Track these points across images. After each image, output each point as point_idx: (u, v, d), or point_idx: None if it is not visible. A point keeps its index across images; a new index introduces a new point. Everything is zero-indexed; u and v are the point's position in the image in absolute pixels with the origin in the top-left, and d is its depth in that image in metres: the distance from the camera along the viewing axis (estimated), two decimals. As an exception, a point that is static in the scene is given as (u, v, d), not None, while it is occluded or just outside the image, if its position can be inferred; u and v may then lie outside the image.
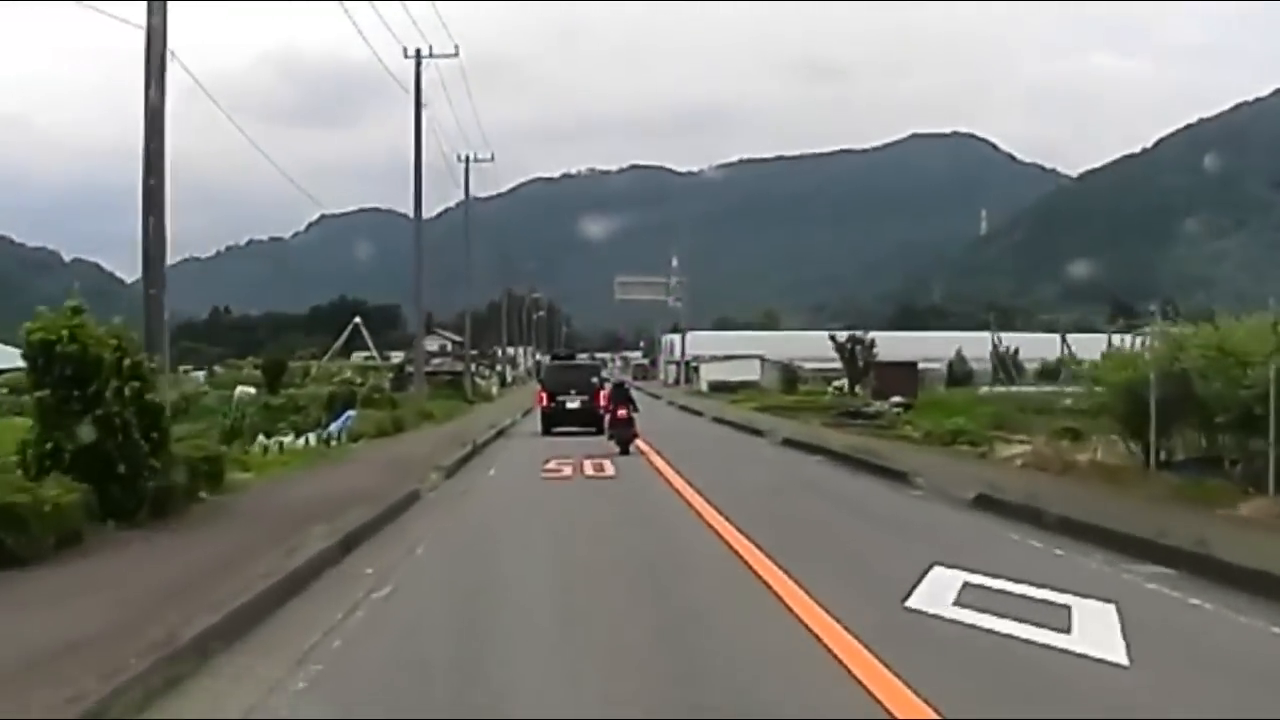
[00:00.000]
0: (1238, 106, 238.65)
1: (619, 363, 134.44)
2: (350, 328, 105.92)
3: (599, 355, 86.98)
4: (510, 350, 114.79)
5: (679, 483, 19.62)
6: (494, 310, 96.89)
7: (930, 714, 6.15)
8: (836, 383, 64.08)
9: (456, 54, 49.07)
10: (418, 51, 47.24)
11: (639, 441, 28.28)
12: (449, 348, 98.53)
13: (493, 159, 72.17)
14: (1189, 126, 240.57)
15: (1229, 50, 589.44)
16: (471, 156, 68.30)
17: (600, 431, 31.28)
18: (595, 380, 37.38)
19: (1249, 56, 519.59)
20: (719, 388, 76.56)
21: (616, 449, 27.30)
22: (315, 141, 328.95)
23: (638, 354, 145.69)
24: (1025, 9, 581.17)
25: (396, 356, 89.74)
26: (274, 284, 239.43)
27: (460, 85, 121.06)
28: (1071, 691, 6.81)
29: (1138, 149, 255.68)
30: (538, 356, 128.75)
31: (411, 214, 48.14)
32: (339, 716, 6.53)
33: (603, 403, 32.04)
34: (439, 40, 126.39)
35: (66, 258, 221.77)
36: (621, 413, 28.38)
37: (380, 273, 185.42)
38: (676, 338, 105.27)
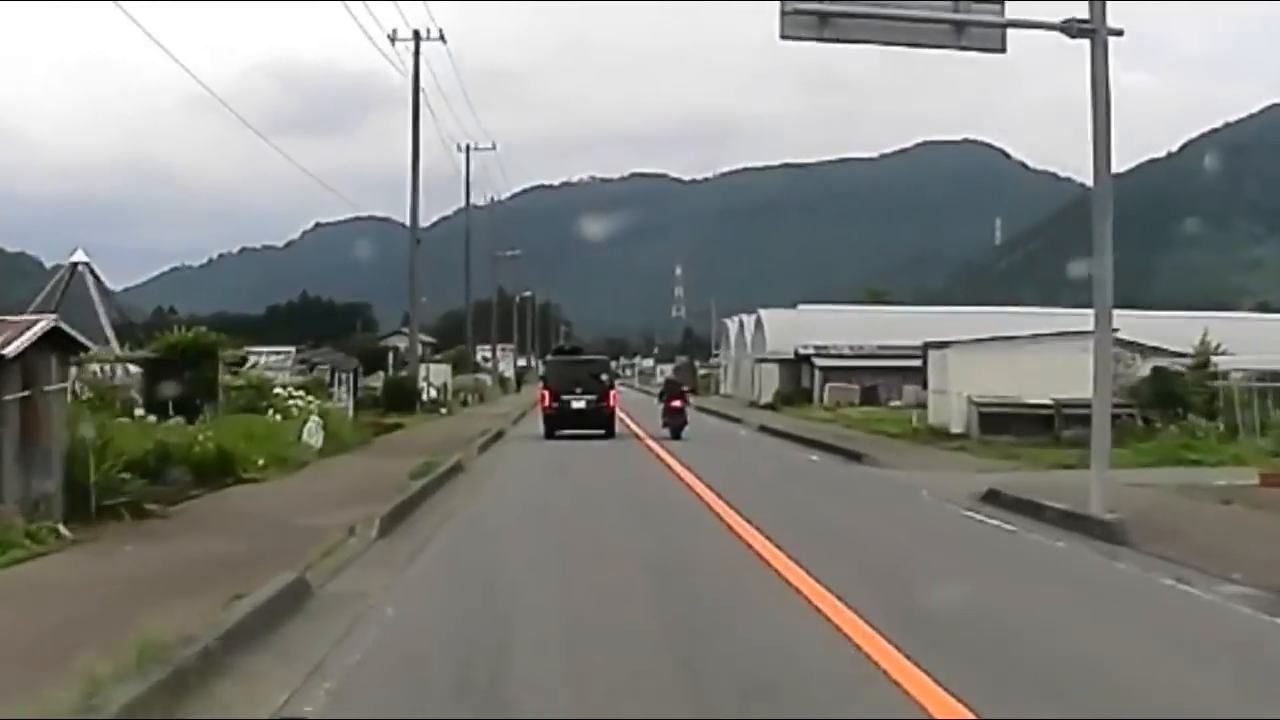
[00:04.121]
0: (1267, 109, 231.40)
1: (629, 371, 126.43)
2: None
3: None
4: (487, 350, 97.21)
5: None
6: (482, 309, 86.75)
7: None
8: None
9: (494, 148, 63.68)
10: (467, 147, 59.01)
11: None
12: (419, 350, 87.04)
13: (495, 146, 69.76)
14: (1215, 130, 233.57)
15: (1240, 60, 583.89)
16: (472, 145, 66.97)
17: (609, 435, 32.33)
18: (604, 378, 34.68)
19: (1266, 64, 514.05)
20: (1002, 416, 28.47)
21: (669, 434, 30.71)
22: (310, 150, 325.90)
23: (649, 361, 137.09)
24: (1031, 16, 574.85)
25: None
26: (266, 290, 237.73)
27: (462, 95, 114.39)
28: None
29: (1163, 153, 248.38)
30: (520, 361, 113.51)
31: (404, 221, 50.13)
32: (356, 717, 6.25)
33: (611, 402, 33.47)
34: (436, 46, 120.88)
35: (48, 264, 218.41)
36: (676, 403, 32.51)
37: (374, 279, 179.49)
38: (771, 316, 65.17)
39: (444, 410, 44.57)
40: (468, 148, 63.46)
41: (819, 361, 54.42)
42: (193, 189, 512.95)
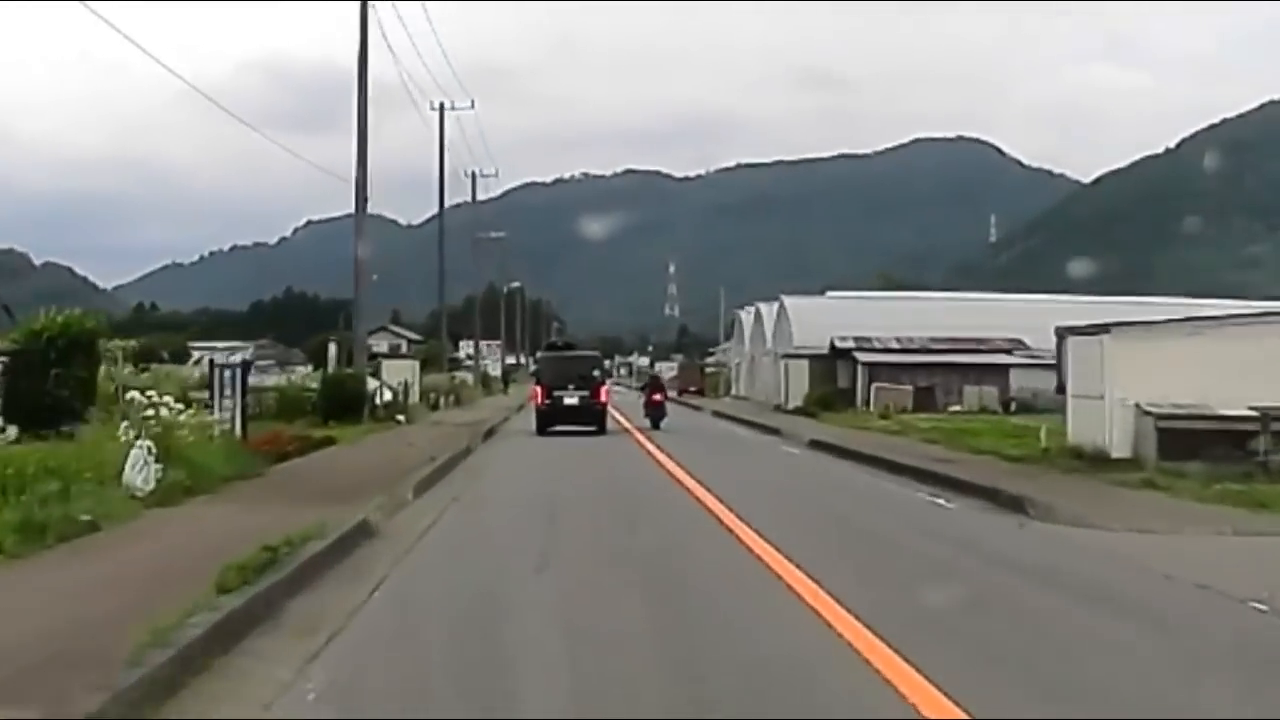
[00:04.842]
0: (1265, 106, 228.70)
1: (624, 370, 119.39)
2: None
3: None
4: (470, 347, 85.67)
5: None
6: (469, 304, 79.07)
7: None
8: None
9: (473, 107, 57.92)
10: (441, 105, 55.09)
11: None
12: (403, 347, 79.36)
13: (497, 175, 71.58)
14: (1213, 127, 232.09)
15: (1238, 58, 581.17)
16: (448, 104, 62.42)
17: (601, 431, 32.54)
18: (596, 373, 34.64)
19: (1264, 61, 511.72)
20: (1189, 434, 18.30)
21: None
22: (303, 146, 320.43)
23: (644, 360, 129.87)
24: (1027, 17, 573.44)
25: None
26: (257, 287, 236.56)
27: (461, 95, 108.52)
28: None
29: (1160, 150, 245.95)
30: (509, 359, 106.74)
31: (402, 220, 53.58)
32: (348, 717, 6.08)
33: (603, 398, 33.77)
34: (430, 46, 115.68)
35: (37, 261, 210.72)
36: (656, 397, 36.03)
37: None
38: (797, 305, 54.33)
39: (401, 418, 34.61)
40: (441, 105, 57.32)
41: (862, 357, 44.50)
42: (184, 186, 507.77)
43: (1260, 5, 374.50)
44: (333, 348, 40.83)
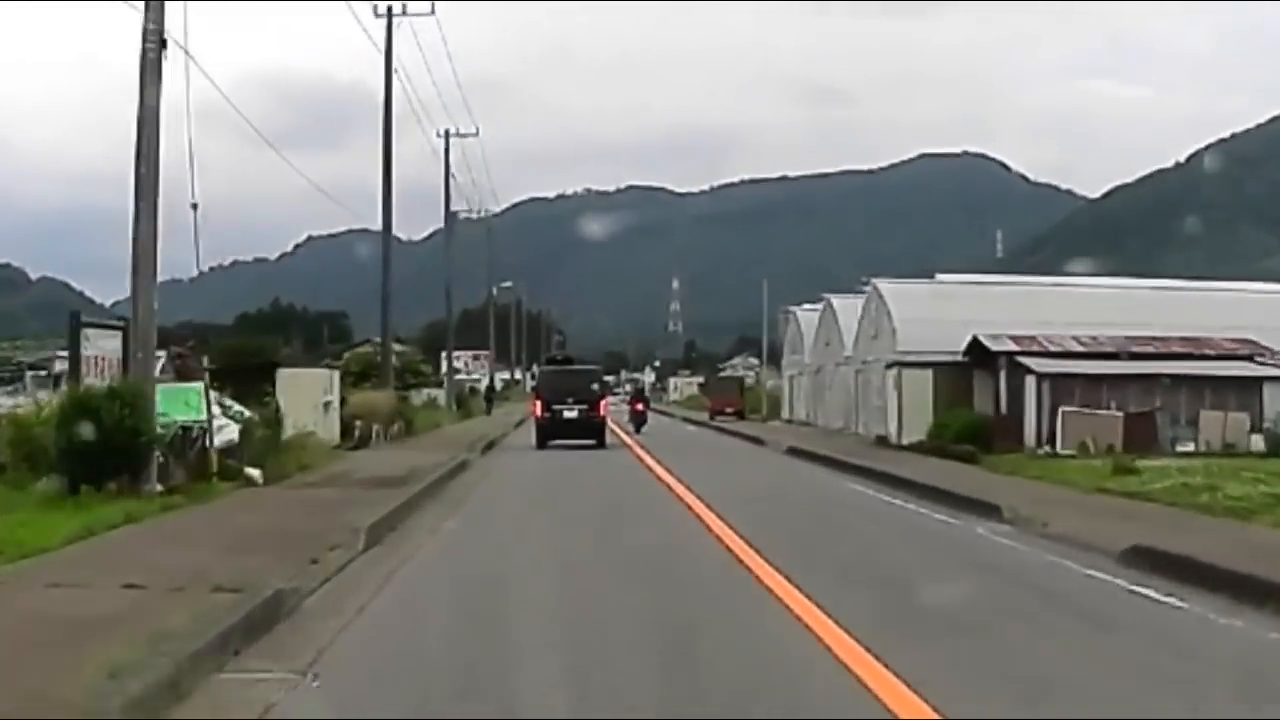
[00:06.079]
0: (1273, 119, 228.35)
1: (628, 386, 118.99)
2: None
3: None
4: (467, 358, 79.72)
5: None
6: (465, 318, 76.63)
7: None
8: None
9: (433, 12, 46.38)
10: (389, 9, 45.19)
11: None
12: (153, 327, 74.64)
13: (478, 132, 63.47)
14: (1224, 140, 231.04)
15: (1247, 71, 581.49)
16: (455, 130, 60.92)
17: (601, 445, 33.08)
18: (596, 387, 34.73)
19: (1269, 78, 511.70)
20: None
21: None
22: (303, 162, 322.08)
23: (651, 376, 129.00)
24: (1031, 34, 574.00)
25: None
26: (256, 302, 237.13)
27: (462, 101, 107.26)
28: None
29: (1169, 163, 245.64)
30: (504, 374, 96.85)
31: (400, 234, 49.42)
32: (346, 717, 5.93)
33: (602, 412, 34.21)
34: (436, 61, 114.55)
35: (33, 276, 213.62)
36: (639, 406, 45.23)
37: (364, 289, 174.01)
38: (897, 292, 37.69)
39: (256, 473, 19.57)
40: (389, 10, 49.15)
41: (1035, 365, 28.70)
42: (186, 202, 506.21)
43: (1267, 16, 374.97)
44: (111, 341, 18.69)
